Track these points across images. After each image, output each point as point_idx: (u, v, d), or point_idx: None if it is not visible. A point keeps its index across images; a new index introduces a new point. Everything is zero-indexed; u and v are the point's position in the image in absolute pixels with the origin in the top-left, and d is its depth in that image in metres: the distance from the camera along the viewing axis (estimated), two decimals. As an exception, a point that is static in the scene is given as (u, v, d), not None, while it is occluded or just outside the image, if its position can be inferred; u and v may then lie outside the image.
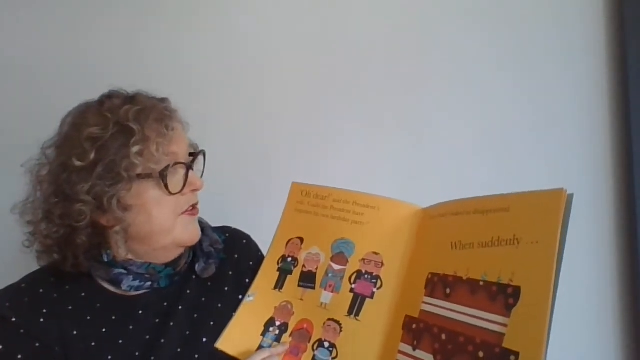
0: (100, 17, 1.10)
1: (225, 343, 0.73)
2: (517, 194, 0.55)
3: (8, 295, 0.70)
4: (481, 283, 0.55)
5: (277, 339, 0.72)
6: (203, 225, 0.81)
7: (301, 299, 0.73)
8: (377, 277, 0.68)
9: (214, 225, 0.85)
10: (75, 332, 0.69)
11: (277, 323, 0.73)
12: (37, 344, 0.66)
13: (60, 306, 0.70)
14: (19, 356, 0.66)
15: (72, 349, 0.68)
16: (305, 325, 0.71)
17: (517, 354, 0.48)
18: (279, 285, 0.76)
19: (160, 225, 0.70)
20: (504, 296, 0.52)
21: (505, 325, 0.50)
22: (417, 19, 1.11)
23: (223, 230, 0.86)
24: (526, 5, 1.08)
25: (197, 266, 0.79)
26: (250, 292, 0.78)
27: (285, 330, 0.72)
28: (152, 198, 0.69)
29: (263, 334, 0.73)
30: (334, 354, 0.67)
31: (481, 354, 0.52)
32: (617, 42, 1.04)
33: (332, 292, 0.70)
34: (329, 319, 0.69)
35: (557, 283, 0.48)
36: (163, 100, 0.73)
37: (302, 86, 1.12)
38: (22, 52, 1.09)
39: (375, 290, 0.68)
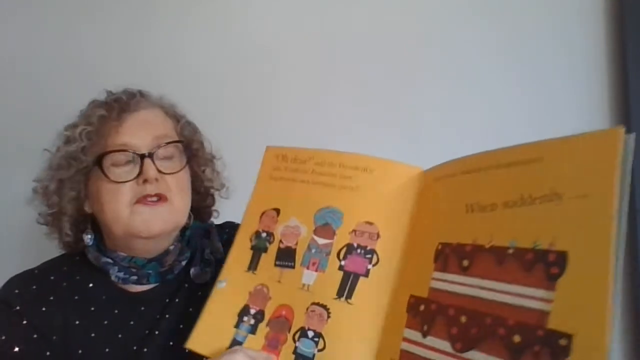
0: (100, 14, 1.08)
1: (195, 341, 0.61)
2: (553, 139, 0.44)
3: (19, 281, 0.71)
4: (510, 251, 0.43)
5: (253, 330, 0.60)
6: (210, 229, 0.80)
7: (279, 281, 0.61)
8: (372, 252, 0.56)
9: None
10: (77, 322, 0.70)
11: (252, 311, 0.61)
12: (36, 335, 0.67)
13: (67, 295, 0.71)
14: (16, 349, 0.66)
15: (72, 339, 0.69)
16: (283, 312, 0.59)
17: (569, 337, 0.37)
18: (253, 266, 0.63)
19: (111, 213, 0.69)
20: (543, 265, 0.41)
21: (549, 301, 0.39)
22: (414, 15, 1.04)
23: (223, 227, 0.83)
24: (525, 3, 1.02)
25: (192, 270, 0.75)
26: (221, 277, 0.65)
27: (262, 319, 0.60)
28: (101, 187, 0.69)
29: (237, 326, 0.61)
30: (320, 345, 0.55)
31: (517, 338, 0.40)
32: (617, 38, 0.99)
33: (316, 270, 0.58)
34: (313, 304, 0.57)
35: (620, 246, 0.37)
36: (132, 94, 0.74)
37: (303, 85, 1.06)
38: (20, 51, 1.08)
39: (370, 267, 0.56)
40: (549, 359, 0.38)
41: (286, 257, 0.61)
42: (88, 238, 0.73)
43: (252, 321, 0.60)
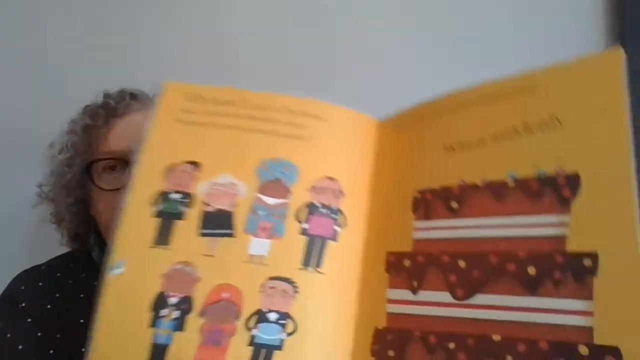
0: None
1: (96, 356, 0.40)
2: (546, 67, 0.43)
3: (26, 277, 0.67)
4: (510, 183, 0.41)
5: (179, 325, 0.42)
6: None
7: (209, 255, 0.45)
8: (338, 211, 0.47)
9: None
10: (82, 321, 0.62)
11: (173, 300, 0.43)
12: (40, 334, 0.62)
13: (72, 293, 0.66)
14: (20, 347, 0.61)
15: (76, 337, 0.57)
16: (224, 295, 0.44)
17: (594, 256, 0.36)
18: (162, 238, 0.45)
19: (106, 222, 0.64)
20: (552, 190, 0.39)
21: (564, 225, 0.38)
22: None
23: None
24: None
25: None
26: (113, 260, 0.45)
27: (190, 309, 0.43)
28: (95, 194, 0.66)
29: (153, 324, 0.42)
30: (289, 328, 0.43)
31: (532, 270, 0.38)
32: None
33: (268, 237, 0.46)
34: (271, 278, 0.44)
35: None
36: (121, 97, 0.70)
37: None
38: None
39: (337, 228, 0.47)
40: (572, 283, 0.36)
41: (219, 223, 0.46)
42: (92, 239, 0.71)
43: (176, 313, 0.43)
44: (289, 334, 0.43)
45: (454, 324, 0.40)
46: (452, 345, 0.40)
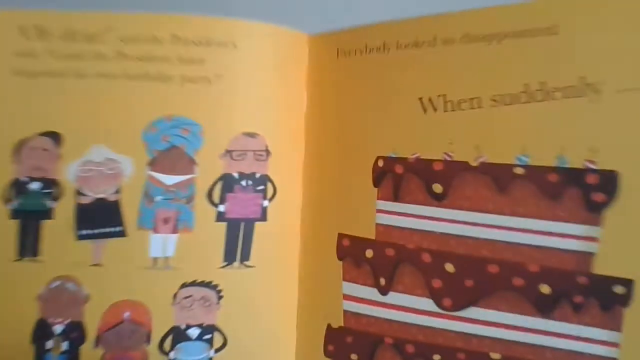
0: None
1: None
2: None
3: None
4: (518, 170, 0.30)
5: (71, 358, 0.33)
6: None
7: (96, 264, 0.33)
8: (265, 179, 0.35)
9: None
10: None
11: (58, 327, 0.33)
12: None
13: None
14: None
15: None
16: (125, 314, 0.33)
17: (628, 284, 0.27)
18: (29, 247, 0.33)
19: None
20: (579, 189, 0.28)
21: (592, 239, 0.28)
22: None
23: None
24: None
25: None
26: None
27: (82, 338, 0.33)
28: None
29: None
30: (217, 343, 0.34)
31: (546, 289, 0.29)
32: None
33: (173, 231, 0.34)
34: (184, 285, 0.34)
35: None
36: None
37: None
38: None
39: (265, 202, 0.35)
40: (597, 311, 0.28)
41: (101, 218, 0.34)
42: None
43: (65, 345, 0.33)
44: (218, 350, 0.34)
45: (438, 335, 0.31)
46: (437, 358, 0.31)
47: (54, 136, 0.34)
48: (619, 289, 0.27)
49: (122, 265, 0.33)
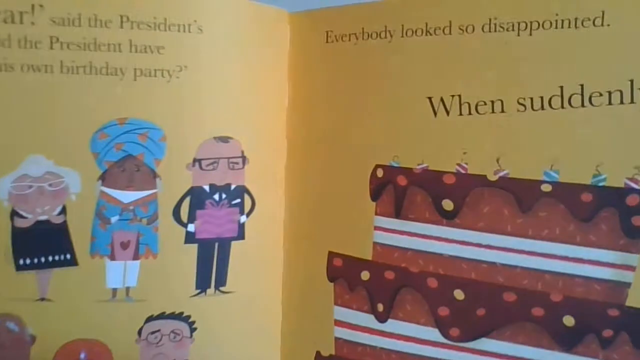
0: None
1: None
2: None
3: None
4: (546, 187, 0.25)
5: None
6: None
7: (44, 299, 0.28)
8: (242, 191, 0.30)
9: None
10: None
11: (-3, 379, 0.28)
12: None
13: None
14: None
15: None
16: (81, 356, 0.28)
17: None
18: (-47, 283, 0.27)
19: None
20: (615, 208, 0.24)
21: (628, 268, 0.24)
22: None
23: None
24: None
25: None
26: None
27: (30, 386, 0.28)
28: None
29: None
30: (190, 385, 0.30)
31: (570, 321, 0.25)
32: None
33: (134, 257, 0.29)
34: (150, 319, 0.29)
35: None
36: None
37: None
38: None
39: (243, 218, 0.30)
40: (629, 347, 0.25)
41: (44, 245, 0.28)
42: None
43: (9, 395, 0.28)
44: (192, 391, 0.30)
45: (445, 367, 0.28)
46: (442, 392, 0.28)
47: (-23, 146, 0.27)
48: None
49: (74, 299, 0.28)
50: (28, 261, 0.28)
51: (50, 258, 0.28)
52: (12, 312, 0.28)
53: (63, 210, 0.28)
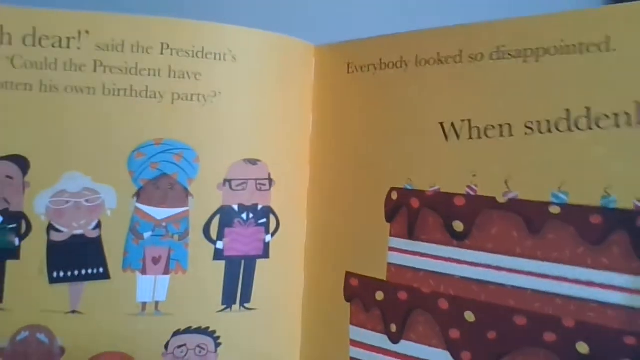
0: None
1: None
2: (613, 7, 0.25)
3: None
4: (554, 209, 0.26)
5: None
6: None
7: (75, 311, 0.29)
8: (268, 211, 0.31)
9: None
10: None
11: (26, 390, 0.28)
12: None
13: None
14: None
15: None
16: (110, 366, 0.29)
17: None
18: (-8, 295, 0.28)
19: None
20: (627, 231, 0.24)
21: (636, 292, 0.24)
22: None
23: None
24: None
25: None
26: None
27: (57, 398, 0.29)
28: None
29: None
30: (213, 400, 0.30)
31: (584, 348, 0.25)
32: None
33: (165, 272, 0.30)
34: (177, 333, 0.30)
35: None
36: None
37: None
38: None
39: (268, 237, 0.31)
40: None
41: (78, 258, 0.29)
42: None
43: (36, 408, 0.28)
44: (214, 405, 0.30)
45: (455, 390, 0.29)
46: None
47: (19, 161, 0.28)
48: None
49: (104, 312, 0.29)
50: (62, 274, 0.29)
51: (83, 271, 0.29)
52: (43, 324, 0.29)
53: (98, 225, 0.29)
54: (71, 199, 0.29)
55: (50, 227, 0.28)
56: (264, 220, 0.31)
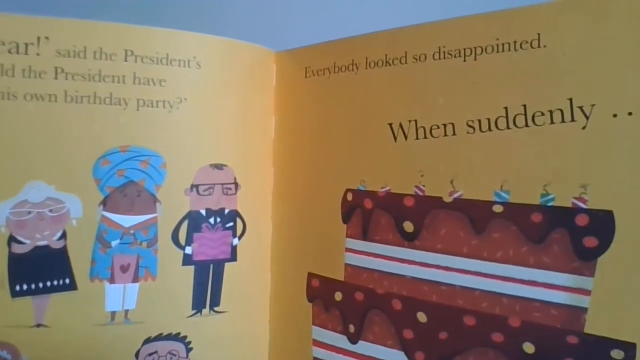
0: None
1: None
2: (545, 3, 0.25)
3: None
4: (497, 207, 0.26)
5: None
6: None
7: (40, 325, 0.28)
8: (235, 215, 0.32)
9: None
10: None
11: (-11, 410, 0.27)
12: None
13: None
14: None
15: None
16: (77, 378, 0.29)
17: (630, 348, 0.23)
18: (-57, 312, 0.27)
19: None
20: (566, 231, 0.24)
21: (583, 292, 0.24)
22: None
23: None
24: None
25: None
26: None
27: (23, 415, 0.28)
28: None
29: None
30: (186, 404, 0.30)
31: (530, 348, 0.25)
32: None
33: (134, 280, 0.29)
34: (148, 341, 0.30)
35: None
36: None
37: None
38: None
39: (236, 241, 0.32)
40: None
41: (43, 270, 0.28)
42: None
43: None
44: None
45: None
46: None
47: (-25, 172, 0.27)
48: (616, 354, 0.23)
49: (71, 323, 0.28)
50: (25, 287, 0.28)
51: (48, 283, 0.28)
52: (6, 340, 0.27)
53: (63, 235, 0.28)
54: (33, 209, 0.28)
55: (12, 239, 0.28)
56: (231, 224, 0.32)
